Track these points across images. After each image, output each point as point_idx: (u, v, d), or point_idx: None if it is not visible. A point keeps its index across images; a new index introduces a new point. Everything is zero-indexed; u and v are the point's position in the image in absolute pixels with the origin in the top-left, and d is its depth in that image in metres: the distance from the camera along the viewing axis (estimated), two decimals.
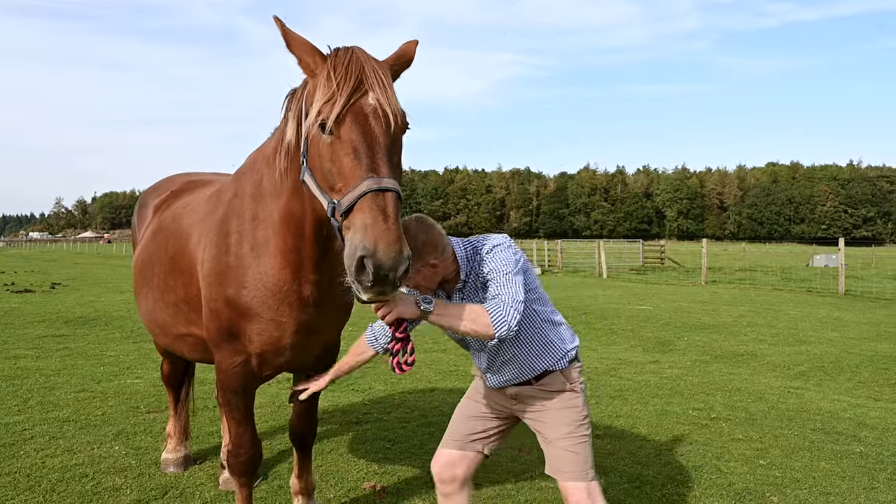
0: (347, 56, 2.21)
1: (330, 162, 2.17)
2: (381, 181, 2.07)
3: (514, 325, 2.37)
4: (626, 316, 12.61)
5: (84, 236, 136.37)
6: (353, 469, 4.42)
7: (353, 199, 2.06)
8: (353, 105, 2.15)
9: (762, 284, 21.25)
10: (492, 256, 2.56)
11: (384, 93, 2.18)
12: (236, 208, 2.90)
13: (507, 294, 2.42)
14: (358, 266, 2.00)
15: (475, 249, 2.61)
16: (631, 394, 6.59)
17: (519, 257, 2.59)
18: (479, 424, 2.83)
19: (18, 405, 5.77)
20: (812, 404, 6.26)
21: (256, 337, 2.85)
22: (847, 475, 4.40)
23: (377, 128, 2.15)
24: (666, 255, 35.29)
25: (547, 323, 2.68)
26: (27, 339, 9.33)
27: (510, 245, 2.62)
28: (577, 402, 2.69)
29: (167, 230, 3.53)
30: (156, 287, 3.49)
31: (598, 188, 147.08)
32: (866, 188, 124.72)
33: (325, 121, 2.15)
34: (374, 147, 2.13)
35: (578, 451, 2.63)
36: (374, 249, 1.97)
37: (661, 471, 4.44)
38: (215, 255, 2.91)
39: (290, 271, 2.72)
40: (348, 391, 6.58)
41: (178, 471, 4.30)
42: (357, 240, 2.01)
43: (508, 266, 2.51)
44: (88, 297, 15.48)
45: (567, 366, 2.69)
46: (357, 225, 2.03)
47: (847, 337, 10.32)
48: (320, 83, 2.20)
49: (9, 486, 3.96)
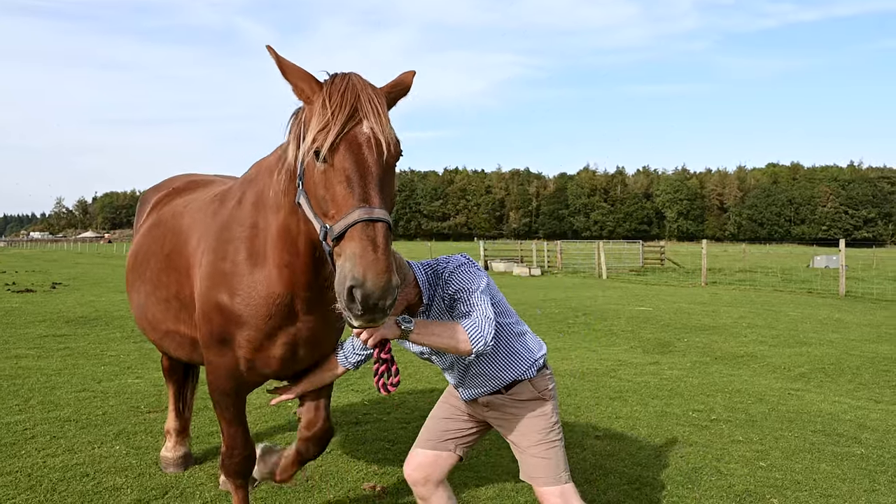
0: (343, 83, 2.23)
1: (323, 189, 2.20)
2: (371, 211, 2.10)
3: (490, 340, 2.46)
4: (626, 317, 12.62)
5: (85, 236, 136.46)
6: (352, 469, 4.43)
7: (343, 227, 2.10)
8: (347, 134, 2.18)
9: (762, 286, 21.26)
10: (457, 277, 2.63)
11: (378, 121, 2.21)
12: (238, 216, 2.93)
13: (478, 311, 2.51)
14: (348, 295, 2.04)
15: (435, 273, 2.70)
16: (631, 395, 6.59)
17: (482, 275, 2.68)
18: (453, 424, 2.90)
19: (20, 404, 5.78)
20: (812, 406, 6.26)
21: (245, 344, 2.88)
22: (848, 477, 4.40)
23: (370, 157, 2.18)
24: (666, 256, 35.29)
25: (513, 335, 2.75)
26: (28, 338, 9.33)
27: (472, 264, 2.71)
28: (547, 409, 2.74)
29: (165, 226, 3.55)
30: (148, 281, 3.51)
31: (598, 189, 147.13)
32: (867, 189, 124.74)
33: (320, 148, 2.17)
34: (366, 177, 2.16)
35: (550, 456, 2.69)
36: (364, 280, 2.00)
37: (660, 472, 4.45)
38: (213, 260, 2.95)
39: (283, 285, 2.74)
40: (348, 391, 6.58)
41: (178, 470, 4.30)
42: (347, 269, 2.05)
43: (475, 284, 2.60)
44: (89, 297, 15.49)
45: (535, 374, 2.74)
46: (347, 254, 2.07)
47: (848, 338, 10.32)
48: (316, 110, 2.22)
49: (10, 486, 3.97)
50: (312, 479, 4.23)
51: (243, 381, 3.02)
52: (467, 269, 2.65)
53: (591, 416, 5.80)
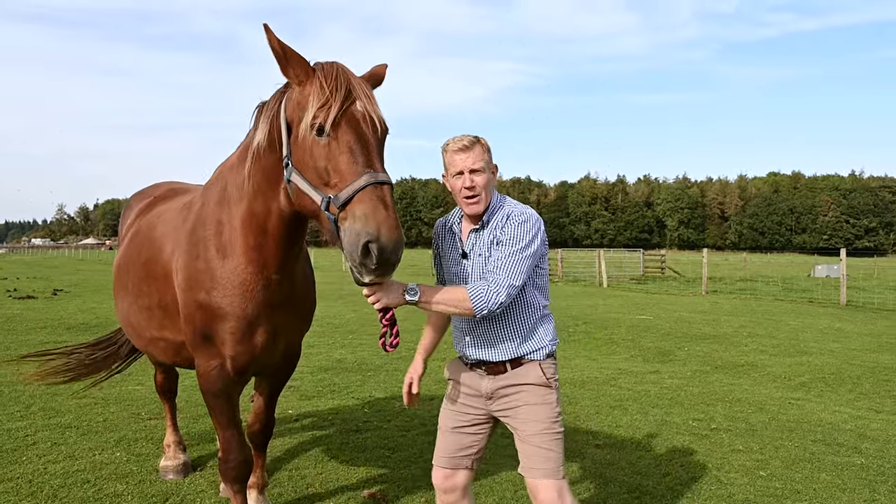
0: (334, 68, 2.42)
1: (325, 160, 2.35)
2: (377, 175, 2.28)
3: (496, 306, 2.49)
4: (627, 326, 12.61)
5: (86, 243, 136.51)
6: (353, 477, 4.43)
7: (352, 192, 2.24)
8: (346, 111, 2.36)
9: (763, 295, 21.25)
10: (516, 225, 2.60)
11: (369, 101, 2.43)
12: (203, 216, 3.08)
13: (503, 275, 2.52)
14: (363, 251, 2.18)
15: (502, 205, 2.70)
16: (631, 404, 6.59)
17: (539, 240, 2.62)
18: (465, 439, 2.83)
19: (21, 411, 5.79)
20: (813, 415, 6.26)
21: (229, 337, 2.98)
22: (848, 487, 4.40)
23: (367, 131, 2.38)
24: (666, 264, 35.28)
25: (538, 313, 2.72)
26: (30, 344, 9.35)
27: (538, 225, 2.65)
28: (552, 398, 2.71)
29: (142, 236, 3.69)
30: (130, 291, 3.64)
31: (599, 197, 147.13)
32: (868, 198, 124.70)
33: (322, 124, 2.33)
34: (368, 146, 2.35)
35: (553, 447, 2.66)
36: (378, 235, 2.17)
37: (660, 481, 4.45)
38: (187, 262, 3.08)
39: (254, 269, 2.91)
40: (348, 399, 6.59)
41: (178, 478, 4.32)
42: (359, 227, 2.19)
43: (523, 242, 2.57)
44: (90, 304, 15.51)
45: (544, 358, 2.73)
46: (357, 215, 2.21)
47: (848, 348, 10.31)
48: (314, 91, 2.38)
49: (11, 492, 3.98)
50: (313, 487, 4.24)
51: (231, 380, 3.09)
52: (530, 227, 2.61)
53: (591, 425, 5.80)
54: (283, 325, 3.09)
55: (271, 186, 2.72)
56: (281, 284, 2.97)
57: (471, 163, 2.63)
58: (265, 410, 3.67)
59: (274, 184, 2.71)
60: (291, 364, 3.55)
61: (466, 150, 2.63)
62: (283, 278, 2.96)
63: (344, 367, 8.23)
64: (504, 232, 2.61)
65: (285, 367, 3.51)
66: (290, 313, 3.11)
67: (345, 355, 9.02)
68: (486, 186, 2.65)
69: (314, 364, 8.27)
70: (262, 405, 3.66)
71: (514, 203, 2.73)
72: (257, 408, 3.69)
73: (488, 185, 2.66)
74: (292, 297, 3.07)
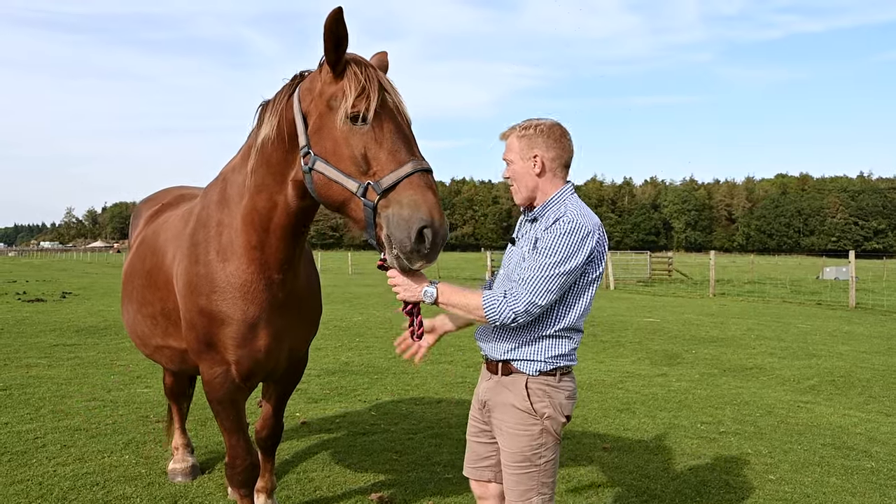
0: (363, 63, 2.45)
1: (363, 148, 2.34)
2: (422, 163, 2.32)
3: (509, 320, 2.35)
4: (634, 328, 12.58)
5: (94, 246, 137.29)
6: (360, 480, 4.44)
7: (396, 178, 2.25)
8: (384, 102, 2.39)
9: (771, 297, 21.13)
10: (559, 234, 2.36)
11: (397, 94, 2.47)
12: (202, 218, 3.06)
13: (525, 289, 2.32)
14: (418, 236, 2.20)
15: (561, 206, 2.49)
16: (639, 407, 6.57)
17: (583, 257, 2.36)
18: (480, 449, 2.72)
19: (31, 413, 5.83)
20: (822, 419, 6.22)
21: (231, 342, 2.95)
22: (858, 491, 4.37)
23: (403, 122, 2.43)
24: (674, 266, 35.14)
25: (550, 330, 2.47)
26: (39, 347, 9.42)
27: (588, 240, 2.37)
28: (535, 428, 2.46)
29: (147, 244, 3.68)
30: (135, 299, 3.63)
31: (606, 199, 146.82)
32: (877, 200, 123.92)
33: (363, 113, 2.34)
34: (407, 136, 2.39)
35: (523, 481, 2.48)
36: (432, 219, 2.20)
37: (668, 485, 4.43)
38: (187, 266, 3.04)
39: (255, 270, 2.87)
40: (355, 402, 6.60)
41: (187, 480, 4.33)
42: (409, 213, 2.21)
43: (560, 256, 2.33)
44: (98, 307, 15.59)
45: (535, 374, 2.48)
46: (405, 201, 2.22)
47: (858, 351, 10.24)
48: (350, 81, 2.38)
49: (21, 494, 4.01)
50: (321, 490, 4.24)
51: (237, 386, 3.08)
52: (573, 239, 2.34)
53: (598, 428, 5.79)
54: (286, 326, 3.06)
55: (276, 180, 2.71)
56: (283, 284, 2.94)
57: (505, 153, 2.62)
58: (273, 417, 3.65)
59: (280, 178, 2.70)
60: (298, 370, 3.54)
61: (504, 140, 2.62)
62: (285, 278, 2.93)
63: (351, 369, 8.25)
64: (544, 238, 2.39)
65: (292, 373, 3.50)
66: (293, 315, 3.08)
67: (352, 358, 9.04)
68: (519, 176, 2.55)
69: (321, 367, 8.29)
70: (270, 412, 3.64)
71: (576, 206, 2.47)
72: (265, 414, 3.67)
73: (524, 175, 2.53)
74: (295, 297, 3.05)
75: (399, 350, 2.75)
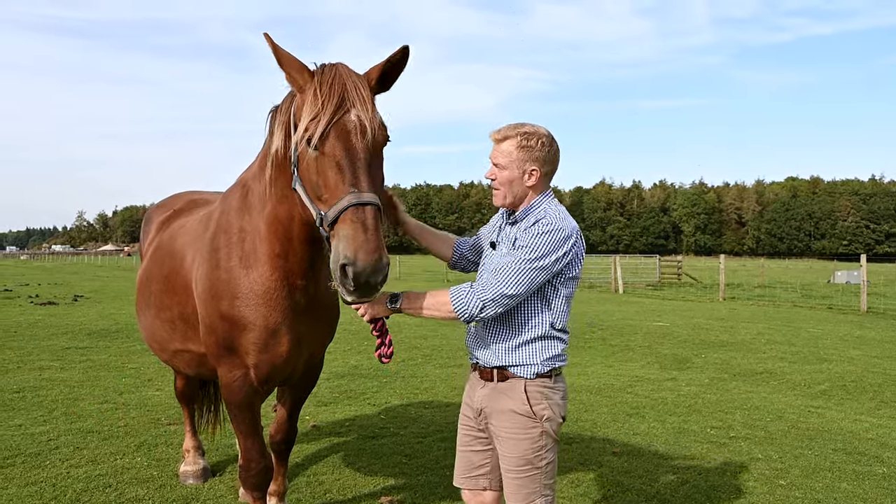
0: (331, 74, 2.36)
1: (316, 175, 2.33)
2: (361, 196, 2.24)
3: (478, 311, 2.42)
4: (643, 332, 12.53)
5: (105, 249, 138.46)
6: (369, 484, 4.46)
7: (336, 213, 2.23)
8: (337, 122, 2.30)
9: (782, 301, 20.99)
10: (537, 234, 2.44)
11: (364, 108, 2.33)
12: (223, 224, 3.06)
13: (496, 280, 2.41)
14: (341, 273, 2.20)
15: (541, 210, 2.55)
16: (648, 411, 6.56)
17: (558, 256, 2.43)
18: (474, 457, 2.72)
19: (44, 415, 5.90)
20: (833, 424, 6.18)
21: (252, 347, 2.96)
22: (869, 497, 4.34)
23: (358, 144, 2.30)
24: (683, 270, 34.96)
25: (539, 331, 2.53)
26: (51, 350, 9.51)
27: (566, 242, 2.45)
28: (534, 431, 2.50)
29: (163, 249, 3.69)
30: (153, 305, 3.64)
31: (614, 203, 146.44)
32: (889, 203, 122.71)
33: (311, 137, 2.29)
34: (355, 163, 2.29)
35: (527, 484, 2.52)
36: (355, 259, 2.16)
37: (678, 490, 4.42)
38: (207, 271, 3.04)
39: (279, 277, 2.87)
40: (365, 405, 6.62)
41: (198, 482, 4.37)
42: (340, 249, 2.20)
43: (537, 253, 2.41)
44: (110, 310, 15.72)
45: (533, 377, 2.52)
46: (339, 236, 2.22)
47: (869, 355, 10.16)
48: (307, 100, 2.35)
49: (35, 496, 4.05)
50: (331, 493, 4.27)
51: (255, 390, 3.09)
52: (550, 239, 2.42)
53: (607, 433, 5.78)
54: (307, 332, 3.05)
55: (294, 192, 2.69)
56: (306, 290, 2.93)
57: (495, 156, 2.59)
58: (287, 421, 3.65)
59: None
60: (315, 375, 3.55)
61: (498, 143, 2.58)
62: (307, 284, 2.92)
63: (360, 373, 8.27)
64: (523, 237, 2.47)
65: (309, 378, 3.51)
66: (314, 320, 3.07)
67: (361, 361, 9.07)
68: (508, 183, 2.56)
69: (330, 370, 8.32)
70: (285, 416, 3.64)
71: (556, 212, 2.54)
72: (280, 418, 3.67)
73: (514, 183, 2.56)
74: (316, 302, 3.02)
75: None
